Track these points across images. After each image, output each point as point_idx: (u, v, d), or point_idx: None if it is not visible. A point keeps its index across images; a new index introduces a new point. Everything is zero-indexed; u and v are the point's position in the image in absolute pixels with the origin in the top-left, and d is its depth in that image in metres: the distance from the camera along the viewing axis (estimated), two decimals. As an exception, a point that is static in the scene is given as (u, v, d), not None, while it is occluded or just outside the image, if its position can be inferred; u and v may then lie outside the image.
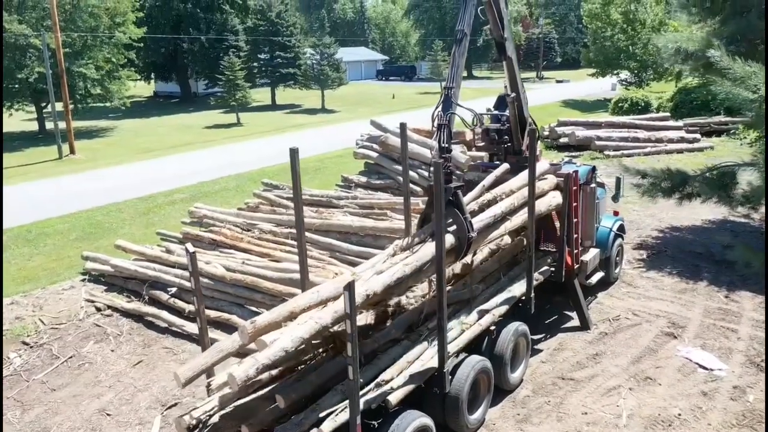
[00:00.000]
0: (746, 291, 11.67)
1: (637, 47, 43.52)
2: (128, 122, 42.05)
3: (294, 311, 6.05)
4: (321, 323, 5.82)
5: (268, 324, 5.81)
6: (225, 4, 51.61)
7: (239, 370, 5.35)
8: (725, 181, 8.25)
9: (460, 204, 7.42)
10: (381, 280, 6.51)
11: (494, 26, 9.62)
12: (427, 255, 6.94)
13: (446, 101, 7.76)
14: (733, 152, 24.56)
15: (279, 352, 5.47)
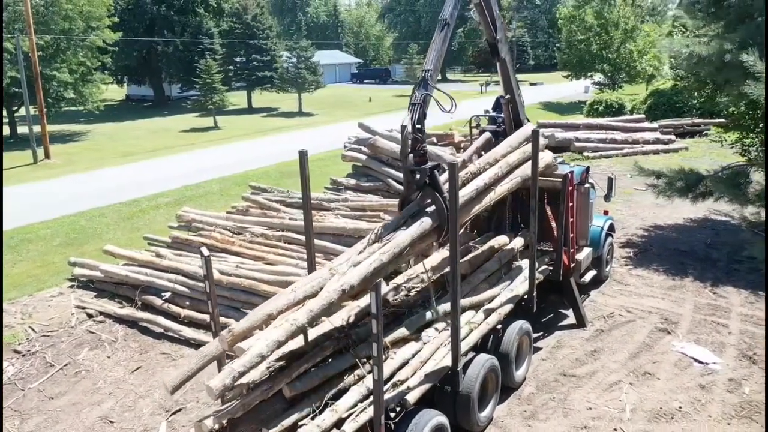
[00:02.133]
0: (731, 287, 12.01)
1: (610, 51, 44.36)
2: (102, 126, 41.35)
3: (272, 314, 5.98)
4: (297, 324, 5.77)
5: (245, 329, 5.77)
6: (199, 7, 51.12)
7: (216, 381, 5.34)
8: (739, 180, 8.48)
9: (437, 184, 7.37)
10: (357, 273, 6.41)
11: (486, 27, 9.78)
12: (405, 240, 6.88)
13: (423, 83, 7.64)
14: (707, 153, 25.26)
15: (255, 359, 5.45)
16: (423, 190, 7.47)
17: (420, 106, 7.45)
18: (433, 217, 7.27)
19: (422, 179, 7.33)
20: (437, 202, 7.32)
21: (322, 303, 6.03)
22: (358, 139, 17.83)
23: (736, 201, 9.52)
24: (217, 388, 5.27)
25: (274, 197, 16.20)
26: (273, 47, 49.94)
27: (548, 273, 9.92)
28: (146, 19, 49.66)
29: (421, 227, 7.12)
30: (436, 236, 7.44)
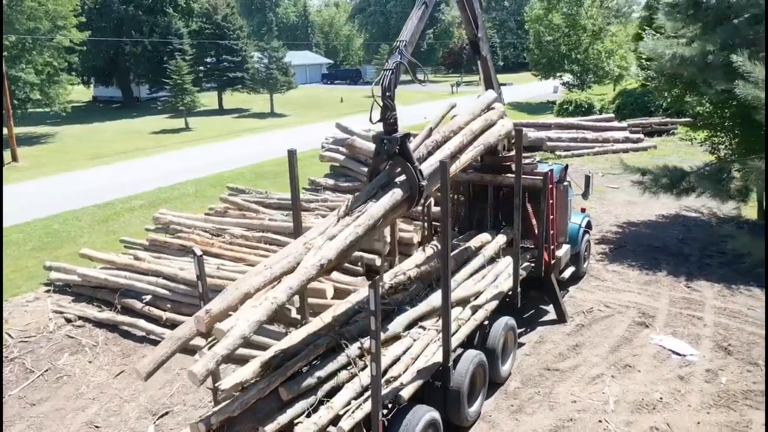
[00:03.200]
0: (704, 281, 12.38)
1: (579, 52, 45.11)
2: (69, 128, 40.55)
3: (249, 292, 5.78)
4: (277, 302, 5.59)
5: (224, 310, 5.58)
6: (168, 7, 50.49)
7: (199, 366, 5.13)
8: (721, 176, 8.77)
9: (408, 153, 7.22)
10: (334, 246, 6.25)
11: (467, 25, 9.89)
12: (378, 211, 6.76)
13: (396, 51, 7.44)
14: (675, 151, 25.92)
15: (237, 341, 5.26)
16: (393, 159, 7.27)
17: (392, 72, 7.20)
18: (404, 187, 7.13)
19: (392, 148, 7.13)
20: (408, 171, 7.17)
21: (300, 279, 5.86)
22: (335, 139, 17.87)
23: (718, 196, 9.83)
24: (200, 373, 5.08)
25: (252, 198, 16.14)
26: (244, 48, 49.55)
27: (530, 270, 10.10)
28: (114, 18, 48.86)
29: (392, 198, 6.98)
30: (407, 206, 7.35)
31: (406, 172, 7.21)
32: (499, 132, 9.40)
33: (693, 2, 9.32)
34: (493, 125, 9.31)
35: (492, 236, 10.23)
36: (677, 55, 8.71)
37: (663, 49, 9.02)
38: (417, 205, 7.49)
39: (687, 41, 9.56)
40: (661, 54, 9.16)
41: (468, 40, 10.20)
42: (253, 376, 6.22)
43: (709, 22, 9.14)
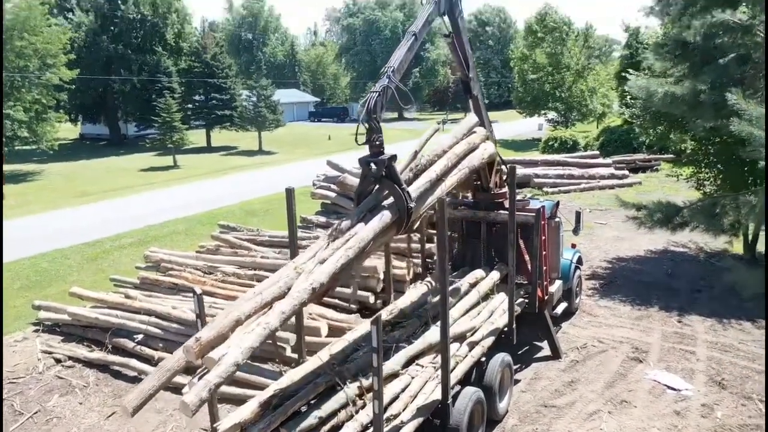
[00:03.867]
0: (695, 315, 12.50)
1: (562, 90, 46.08)
2: (56, 165, 40.43)
3: (239, 319, 5.64)
4: (270, 327, 5.46)
5: (214, 338, 5.41)
6: (157, 46, 51.03)
7: (191, 395, 4.94)
8: (714, 211, 8.97)
9: (395, 175, 7.13)
10: (325, 270, 6.15)
11: (459, 66, 10.14)
12: (368, 234, 6.68)
13: (384, 76, 7.44)
14: (659, 187, 26.35)
15: (230, 368, 5.11)
16: (380, 182, 7.20)
17: (378, 94, 7.17)
18: (392, 209, 7.05)
19: (380, 170, 7.06)
20: (396, 193, 7.10)
21: (293, 303, 5.76)
22: (326, 176, 17.97)
23: (711, 231, 10.01)
24: (192, 403, 4.89)
25: (244, 236, 16.13)
26: (232, 86, 50.04)
27: (524, 306, 10.16)
28: (103, 56, 49.24)
29: (381, 220, 6.90)
30: (396, 229, 7.27)
31: (393, 194, 7.13)
32: (482, 155, 9.42)
33: (681, 43, 9.68)
34: (476, 148, 9.35)
35: (486, 272, 10.30)
36: (669, 94, 8.99)
37: (656, 88, 9.31)
38: (406, 228, 7.40)
39: (675, 80, 9.89)
40: (654, 92, 9.45)
41: (460, 80, 10.42)
42: (252, 416, 6.17)
43: (696, 62, 9.49)
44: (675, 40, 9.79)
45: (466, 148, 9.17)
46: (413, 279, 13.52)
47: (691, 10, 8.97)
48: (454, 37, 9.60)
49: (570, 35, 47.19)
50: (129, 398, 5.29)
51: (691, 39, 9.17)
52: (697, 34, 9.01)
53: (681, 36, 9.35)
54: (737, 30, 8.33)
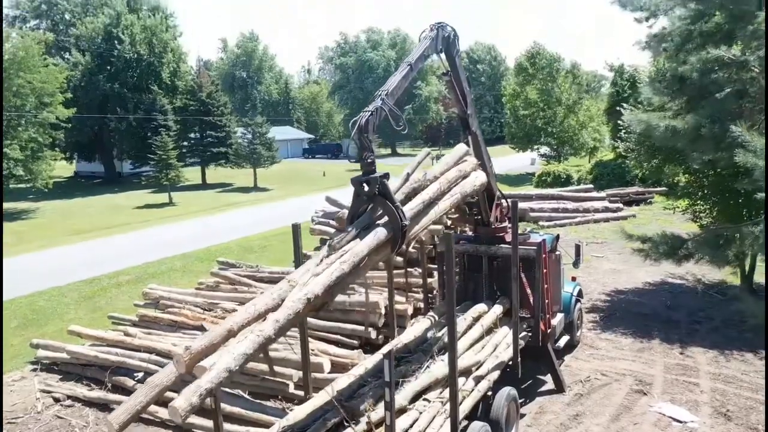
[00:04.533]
0: (696, 347, 12.52)
1: (554, 125, 46.75)
2: (51, 203, 40.39)
3: (232, 329, 5.53)
4: (263, 335, 5.35)
5: (205, 347, 5.28)
6: (153, 85, 51.54)
7: (181, 400, 4.75)
8: (718, 242, 9.09)
9: (389, 193, 7.07)
10: (321, 282, 6.10)
11: (457, 103, 10.30)
12: (362, 250, 6.63)
13: (378, 98, 7.46)
14: (653, 220, 26.58)
15: (222, 374, 4.97)
16: (374, 200, 7.14)
17: (371, 114, 7.19)
18: (387, 227, 6.99)
19: (372, 188, 7.02)
20: (390, 211, 7.03)
21: (287, 313, 5.66)
22: (325, 212, 18.10)
23: (716, 262, 10.12)
24: (183, 408, 4.71)
25: (243, 272, 16.13)
26: (227, 124, 50.47)
27: (528, 339, 10.18)
28: (99, 95, 49.68)
29: (376, 237, 6.85)
30: (390, 248, 7.18)
31: (387, 212, 7.07)
32: (474, 183, 9.43)
33: (678, 78, 9.95)
34: (467, 176, 9.37)
35: (488, 306, 10.33)
36: (670, 128, 9.23)
37: (657, 122, 9.54)
38: (400, 247, 7.33)
39: (673, 114, 10.14)
40: (655, 126, 9.67)
41: (458, 116, 10.56)
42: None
43: (694, 96, 9.74)
44: (672, 76, 10.08)
45: (458, 174, 9.14)
46: (414, 314, 13.53)
47: (687, 47, 9.27)
48: (452, 75, 9.80)
49: (560, 71, 48.12)
50: (115, 414, 5.14)
51: (688, 74, 9.45)
52: (694, 69, 9.30)
53: (678, 71, 9.64)
54: (732, 66, 8.62)
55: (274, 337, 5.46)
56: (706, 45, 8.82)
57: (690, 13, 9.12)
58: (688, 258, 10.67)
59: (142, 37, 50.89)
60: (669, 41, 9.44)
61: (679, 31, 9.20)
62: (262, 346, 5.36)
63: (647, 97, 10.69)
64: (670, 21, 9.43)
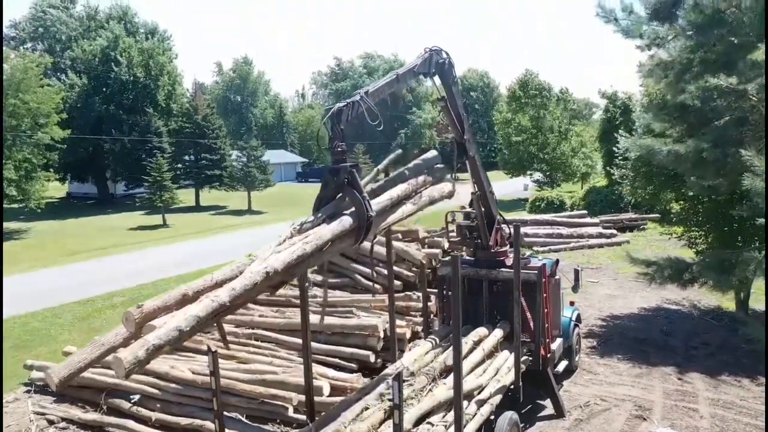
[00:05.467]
0: (694, 372, 12.55)
1: (547, 152, 47.19)
2: (43, 224, 40.15)
3: (187, 293, 5.70)
4: (218, 301, 5.39)
5: (157, 308, 5.39)
6: (148, 107, 51.73)
7: (126, 352, 4.76)
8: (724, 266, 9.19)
9: (357, 183, 7.18)
10: (281, 258, 6.15)
11: (453, 128, 10.40)
12: (326, 234, 6.73)
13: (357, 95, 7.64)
14: (647, 246, 26.73)
15: (172, 332, 4.97)
16: (342, 189, 7.23)
17: (346, 105, 7.33)
18: (353, 217, 7.08)
19: (342, 178, 7.13)
20: (357, 201, 7.11)
21: (245, 283, 5.71)
22: (322, 235, 18.08)
23: (721, 287, 10.20)
24: (127, 360, 4.69)
25: (241, 294, 16.05)
26: (222, 146, 50.61)
27: (528, 363, 10.18)
28: (94, 117, 49.75)
29: (341, 224, 6.95)
30: (354, 238, 7.23)
31: (354, 202, 7.14)
32: (443, 190, 9.42)
33: (680, 105, 10.17)
34: (437, 183, 9.34)
35: (488, 330, 10.35)
36: (672, 152, 9.40)
37: (659, 146, 9.72)
38: (365, 239, 7.34)
39: (673, 140, 10.32)
40: (657, 151, 9.85)
41: (456, 142, 10.61)
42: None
43: (694, 123, 9.95)
44: (673, 103, 10.30)
45: (426, 179, 9.17)
46: (411, 338, 13.51)
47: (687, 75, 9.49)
48: (447, 100, 9.91)
49: (551, 99, 48.74)
50: (57, 368, 5.16)
51: (689, 102, 9.66)
52: (694, 97, 9.51)
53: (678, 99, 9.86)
54: (731, 94, 8.83)
55: (228, 304, 5.48)
56: (706, 74, 9.03)
57: (690, 43, 9.36)
58: (693, 282, 10.76)
59: (139, 59, 51.21)
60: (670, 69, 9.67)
61: (679, 60, 9.44)
62: (216, 311, 5.37)
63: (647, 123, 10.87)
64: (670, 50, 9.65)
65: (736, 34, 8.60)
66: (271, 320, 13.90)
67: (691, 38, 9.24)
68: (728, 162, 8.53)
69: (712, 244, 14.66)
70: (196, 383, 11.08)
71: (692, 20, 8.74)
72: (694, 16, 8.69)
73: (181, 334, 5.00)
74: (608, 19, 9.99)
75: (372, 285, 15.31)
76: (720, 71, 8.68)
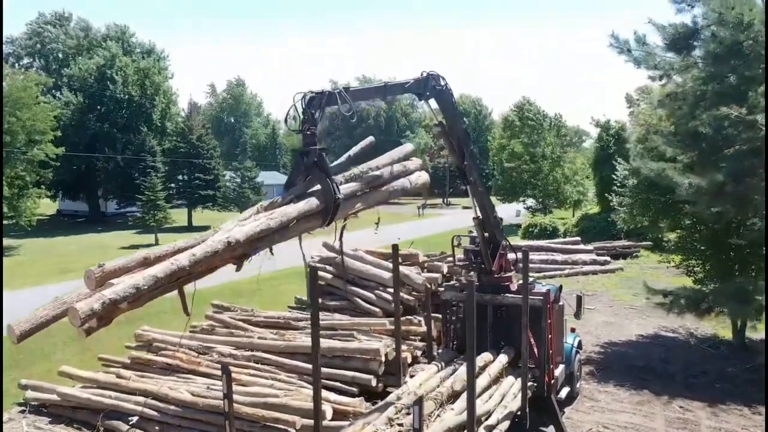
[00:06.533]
0: (695, 401, 12.57)
1: (540, 178, 47.57)
2: (33, 241, 39.80)
3: (148, 257, 5.88)
4: (177, 264, 5.55)
5: (118, 268, 5.57)
6: (143, 126, 51.75)
7: (82, 303, 4.93)
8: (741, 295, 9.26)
9: (325, 166, 7.33)
10: (244, 230, 6.28)
11: (451, 153, 10.50)
12: (292, 212, 6.83)
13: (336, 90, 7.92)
14: (641, 274, 26.87)
15: (129, 289, 5.13)
16: (311, 171, 7.38)
17: (322, 93, 7.63)
18: (319, 198, 7.19)
19: (310, 159, 7.29)
20: (324, 183, 7.24)
21: (205, 250, 5.86)
22: (321, 257, 18.08)
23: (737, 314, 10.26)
24: (82, 311, 4.84)
25: (239, 316, 15.96)
26: (216, 167, 50.61)
27: (533, 389, 10.15)
28: (88, 134, 49.68)
29: (308, 204, 7.05)
30: (321, 220, 7.31)
31: (322, 184, 7.26)
32: (416, 181, 9.36)
33: (693, 132, 10.37)
34: (411, 173, 9.32)
35: (493, 356, 10.33)
36: (693, 185, 9.55)
37: (679, 178, 9.86)
38: (332, 221, 7.46)
39: (683, 166, 10.47)
40: (677, 183, 9.98)
41: (456, 167, 10.67)
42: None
43: (705, 150, 10.12)
44: (686, 131, 10.50)
45: (401, 169, 9.15)
46: (412, 362, 13.43)
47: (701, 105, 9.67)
48: (447, 126, 10.01)
49: (545, 126, 49.30)
50: (19, 322, 5.27)
51: (702, 130, 9.86)
52: (706, 125, 9.71)
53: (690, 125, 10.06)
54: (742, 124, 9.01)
55: (187, 269, 5.63)
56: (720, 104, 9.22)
57: (703, 74, 9.58)
58: (710, 311, 10.83)
59: (135, 78, 51.36)
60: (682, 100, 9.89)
61: (693, 91, 9.64)
62: (174, 274, 5.53)
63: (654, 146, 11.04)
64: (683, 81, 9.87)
65: (750, 66, 8.82)
66: (270, 342, 13.79)
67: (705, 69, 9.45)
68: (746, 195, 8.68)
69: (709, 272, 14.79)
70: (197, 405, 10.95)
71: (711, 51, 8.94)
72: (713, 46, 8.91)
73: (138, 292, 5.19)
74: (621, 50, 10.22)
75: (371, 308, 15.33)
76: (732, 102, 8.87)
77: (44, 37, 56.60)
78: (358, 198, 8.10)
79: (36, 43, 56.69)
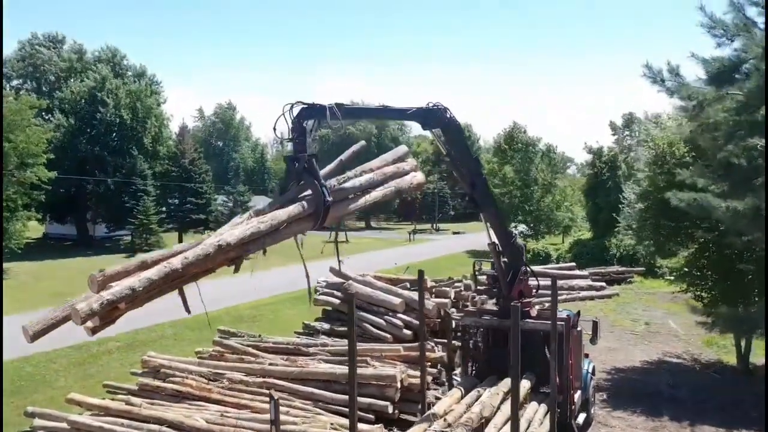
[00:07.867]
0: (707, 426, 12.67)
1: (531, 204, 47.98)
2: (20, 265, 39.05)
3: (145, 261, 6.36)
4: (170, 267, 5.97)
5: (118, 273, 6.05)
6: (134, 149, 51.46)
7: (83, 304, 5.43)
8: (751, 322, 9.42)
9: (315, 171, 7.62)
10: (235, 233, 6.61)
11: (461, 180, 10.66)
12: (282, 215, 7.10)
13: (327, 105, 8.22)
14: (636, 300, 27.14)
15: (125, 290, 5.60)
16: (301, 177, 7.67)
17: (309, 106, 8.00)
18: (310, 202, 7.43)
19: (301, 165, 7.60)
20: (314, 188, 7.50)
21: (197, 253, 6.23)
22: (328, 283, 18.06)
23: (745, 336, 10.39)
24: (83, 311, 5.33)
25: (246, 342, 15.81)
26: (208, 191, 50.40)
27: (556, 415, 10.16)
28: (78, 157, 49.26)
29: (298, 208, 7.32)
30: (312, 222, 7.56)
31: (313, 189, 7.54)
32: (411, 181, 9.48)
33: (726, 162, 10.66)
34: (406, 174, 9.43)
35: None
36: (731, 209, 9.76)
37: (718, 203, 10.07)
38: (323, 223, 7.72)
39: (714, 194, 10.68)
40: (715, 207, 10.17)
41: (467, 195, 10.81)
42: None
43: (737, 181, 10.36)
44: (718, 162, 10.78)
45: (396, 170, 9.29)
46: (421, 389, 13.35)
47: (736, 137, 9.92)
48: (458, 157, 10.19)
49: (536, 153, 49.91)
50: (32, 322, 5.74)
51: (735, 160, 10.13)
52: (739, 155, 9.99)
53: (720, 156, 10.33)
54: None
55: (180, 270, 6.03)
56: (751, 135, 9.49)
57: (735, 105, 9.87)
58: (753, 331, 10.95)
59: (127, 101, 51.20)
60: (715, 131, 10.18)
61: (726, 122, 9.91)
62: (168, 275, 5.96)
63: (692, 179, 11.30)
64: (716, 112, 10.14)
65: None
66: (282, 368, 13.66)
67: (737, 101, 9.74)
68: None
69: (716, 297, 14.98)
70: (214, 433, 10.79)
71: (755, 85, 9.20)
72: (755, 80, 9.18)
73: (134, 293, 5.64)
74: (655, 80, 10.53)
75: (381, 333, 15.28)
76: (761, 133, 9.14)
77: (36, 59, 56.40)
78: (352, 200, 8.37)
79: (28, 65, 56.45)
